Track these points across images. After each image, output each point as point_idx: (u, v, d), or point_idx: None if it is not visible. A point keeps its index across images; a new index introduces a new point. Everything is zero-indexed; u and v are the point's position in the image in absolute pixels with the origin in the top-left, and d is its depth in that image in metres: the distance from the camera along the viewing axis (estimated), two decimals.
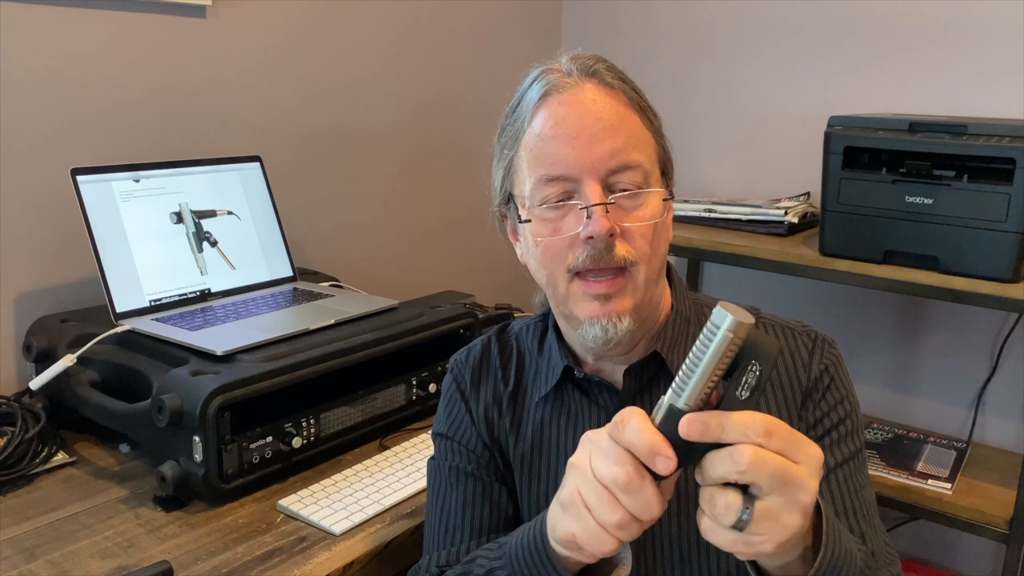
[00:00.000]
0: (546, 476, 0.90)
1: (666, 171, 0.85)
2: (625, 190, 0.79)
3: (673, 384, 0.59)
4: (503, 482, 0.92)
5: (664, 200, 0.81)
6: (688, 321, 0.89)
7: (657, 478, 0.60)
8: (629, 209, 0.79)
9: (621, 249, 0.78)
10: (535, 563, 0.71)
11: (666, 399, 0.59)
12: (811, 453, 0.58)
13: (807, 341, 0.87)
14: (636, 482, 0.59)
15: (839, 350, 0.88)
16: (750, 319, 0.56)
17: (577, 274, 0.80)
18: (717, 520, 0.57)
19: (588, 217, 0.77)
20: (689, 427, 0.57)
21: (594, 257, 0.78)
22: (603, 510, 0.60)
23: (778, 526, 0.57)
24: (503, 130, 0.86)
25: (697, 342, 0.57)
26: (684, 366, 0.58)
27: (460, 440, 0.93)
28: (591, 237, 0.77)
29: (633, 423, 0.60)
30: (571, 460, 0.65)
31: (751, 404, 0.57)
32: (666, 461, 0.58)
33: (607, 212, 0.77)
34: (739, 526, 0.57)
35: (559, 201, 0.80)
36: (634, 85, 0.84)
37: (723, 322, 0.56)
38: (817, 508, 0.63)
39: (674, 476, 0.61)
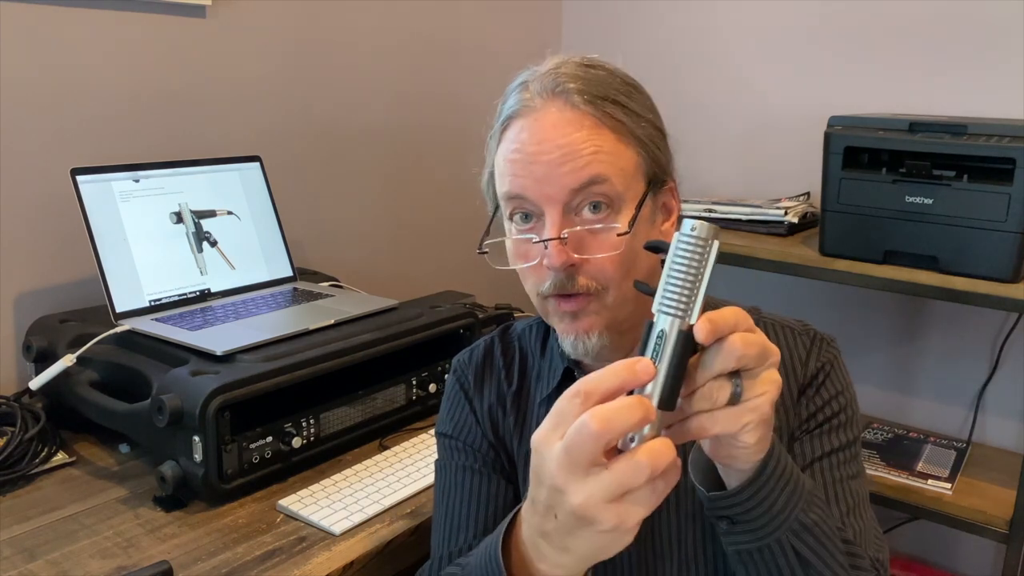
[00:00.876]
0: None
1: (659, 179, 0.83)
2: (594, 204, 0.78)
3: (668, 308, 0.57)
4: (509, 480, 0.92)
5: (620, 235, 0.78)
6: None
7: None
8: (591, 239, 0.78)
9: (583, 279, 0.78)
10: None
11: (671, 326, 0.56)
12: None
13: (806, 340, 0.88)
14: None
15: (838, 348, 0.89)
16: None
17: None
18: (715, 404, 0.58)
19: (546, 248, 0.78)
20: (706, 330, 0.56)
21: (557, 285, 0.79)
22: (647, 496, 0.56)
23: (764, 383, 0.59)
24: (487, 140, 0.87)
25: (680, 258, 0.57)
26: (675, 286, 0.56)
27: (464, 439, 0.93)
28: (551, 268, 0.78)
29: (589, 377, 0.56)
30: (575, 508, 0.55)
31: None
32: (644, 364, 0.56)
33: (565, 243, 0.77)
34: (736, 398, 0.58)
35: (525, 217, 0.81)
36: (615, 95, 0.80)
37: (706, 231, 0.57)
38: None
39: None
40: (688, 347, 0.57)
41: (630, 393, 0.56)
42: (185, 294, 1.33)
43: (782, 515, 0.66)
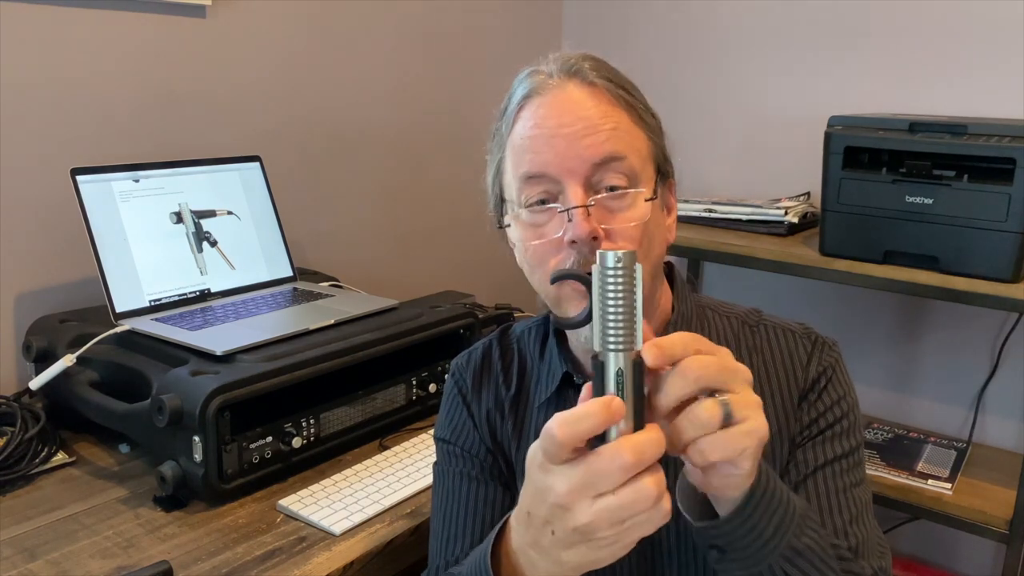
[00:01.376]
0: None
1: (663, 170, 0.84)
2: (612, 187, 0.78)
3: (616, 345, 0.56)
4: (507, 486, 0.91)
5: (647, 200, 0.79)
6: (689, 323, 0.88)
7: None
8: (615, 210, 0.78)
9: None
10: None
11: (624, 361, 0.56)
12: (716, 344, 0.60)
13: (807, 343, 0.87)
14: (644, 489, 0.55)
15: (840, 352, 0.88)
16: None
17: None
18: (711, 427, 0.57)
19: (569, 220, 0.77)
20: (654, 354, 0.56)
21: (579, 262, 0.77)
22: (641, 522, 0.56)
23: (752, 404, 0.58)
24: (492, 134, 0.86)
25: (613, 291, 0.55)
26: (616, 321, 0.55)
27: (462, 445, 0.93)
28: (574, 241, 0.76)
29: (567, 422, 0.56)
30: (578, 526, 0.56)
31: None
32: (617, 402, 0.56)
33: (589, 214, 0.76)
34: (728, 417, 0.57)
35: (542, 202, 0.79)
36: (624, 83, 0.83)
37: (628, 258, 0.56)
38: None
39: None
40: (643, 373, 0.57)
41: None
42: (185, 294, 1.33)
43: (772, 542, 0.65)
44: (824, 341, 0.88)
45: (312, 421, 1.18)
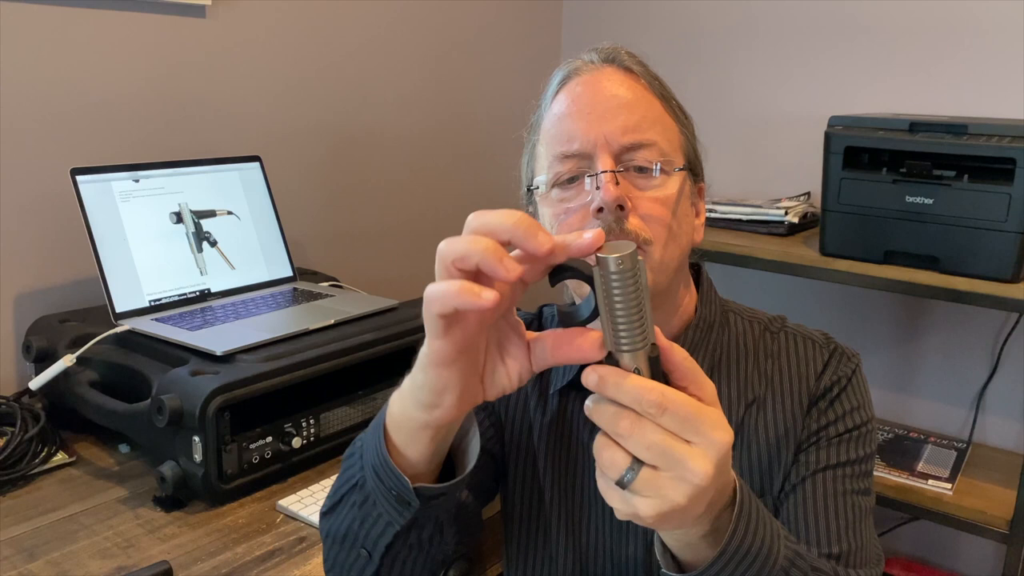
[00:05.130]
0: (564, 461, 0.90)
1: (694, 168, 0.85)
2: (640, 167, 0.79)
3: (632, 346, 0.53)
4: (493, 456, 0.91)
5: (676, 186, 0.80)
6: (711, 327, 0.88)
7: None
8: (644, 188, 0.79)
9: (633, 224, 0.77)
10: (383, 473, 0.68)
11: (636, 358, 0.54)
12: (712, 437, 0.53)
13: (824, 353, 0.87)
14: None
15: (858, 364, 0.87)
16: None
17: None
18: (604, 473, 0.55)
19: (597, 188, 0.77)
20: (586, 377, 0.53)
21: (604, 230, 0.75)
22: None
23: (659, 496, 0.53)
24: (530, 124, 0.87)
25: (621, 294, 0.52)
26: (629, 321, 0.53)
27: None
28: (600, 210, 0.76)
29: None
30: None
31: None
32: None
33: (617, 183, 0.76)
34: (622, 483, 0.53)
35: (572, 180, 0.80)
36: (659, 77, 0.85)
37: (630, 260, 0.52)
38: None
39: None
40: (660, 363, 0.55)
41: None
42: (185, 294, 1.33)
43: None
44: (843, 351, 0.87)
45: (312, 421, 1.18)
